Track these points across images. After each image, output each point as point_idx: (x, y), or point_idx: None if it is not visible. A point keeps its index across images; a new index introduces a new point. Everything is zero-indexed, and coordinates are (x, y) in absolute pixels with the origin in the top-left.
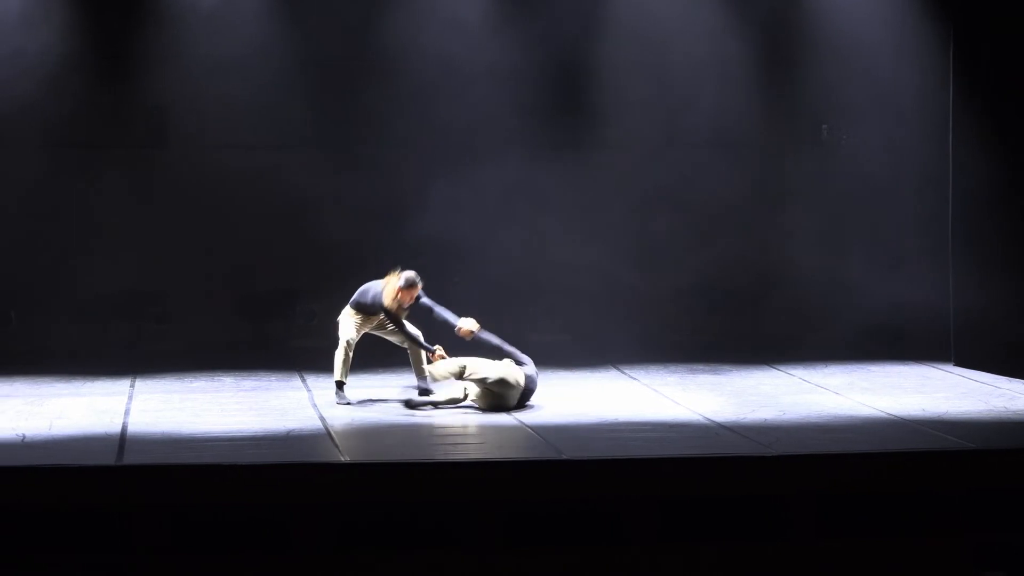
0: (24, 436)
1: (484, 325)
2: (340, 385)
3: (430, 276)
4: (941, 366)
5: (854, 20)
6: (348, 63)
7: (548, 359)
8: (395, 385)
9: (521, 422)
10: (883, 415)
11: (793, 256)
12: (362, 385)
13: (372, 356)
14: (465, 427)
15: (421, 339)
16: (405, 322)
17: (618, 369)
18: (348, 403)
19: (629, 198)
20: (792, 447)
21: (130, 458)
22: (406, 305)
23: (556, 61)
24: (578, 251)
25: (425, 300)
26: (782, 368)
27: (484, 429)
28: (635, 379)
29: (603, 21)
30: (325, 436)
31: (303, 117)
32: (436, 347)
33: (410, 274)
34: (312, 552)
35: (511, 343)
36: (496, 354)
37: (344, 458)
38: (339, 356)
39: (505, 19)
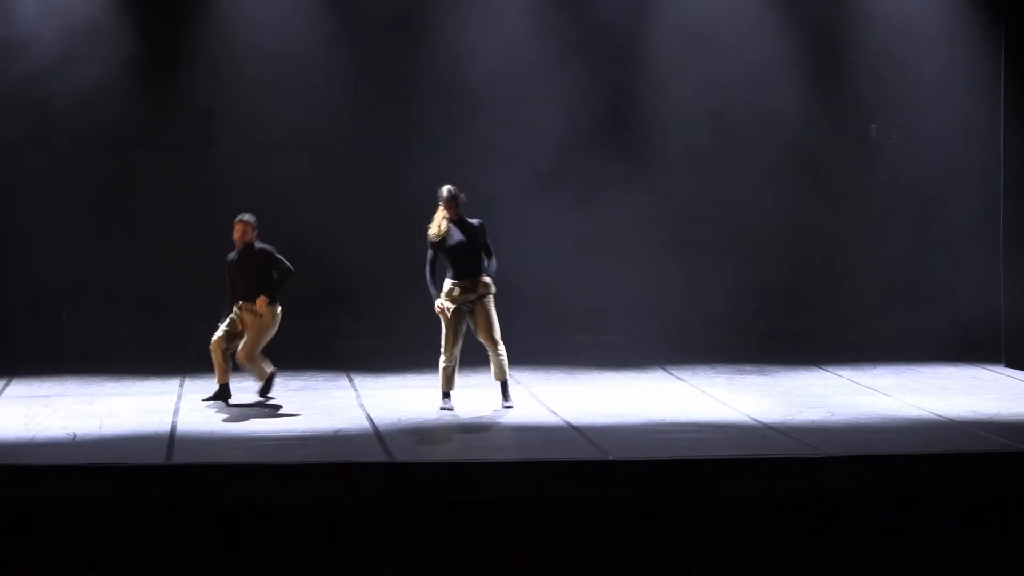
0: (75, 435)
1: (531, 327)
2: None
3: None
4: (991, 367)
5: (903, 17)
6: (396, 65)
7: (595, 360)
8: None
9: (567, 422)
10: (933, 416)
11: (841, 256)
12: (408, 385)
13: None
14: (511, 427)
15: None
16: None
17: (665, 370)
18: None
19: (677, 199)
20: (840, 448)
21: (179, 457)
22: (453, 218)
23: (603, 62)
24: (625, 252)
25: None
26: (830, 369)
27: (530, 429)
28: (682, 380)
29: (650, 22)
30: (372, 436)
31: (350, 118)
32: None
33: (443, 189)
34: (359, 551)
35: (559, 344)
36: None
37: (391, 458)
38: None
39: (551, 20)
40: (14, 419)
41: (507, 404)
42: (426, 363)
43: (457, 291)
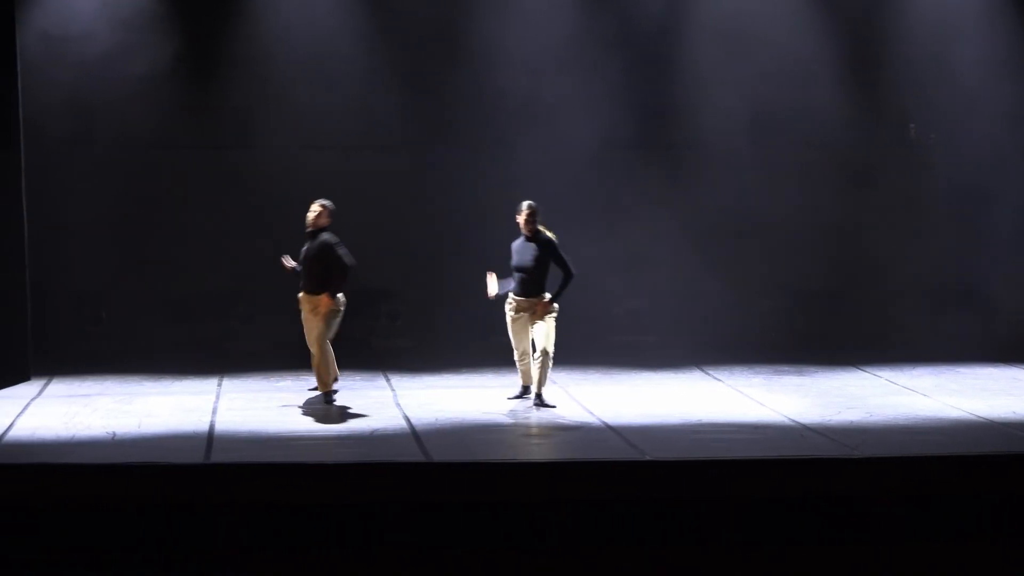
0: (114, 434)
1: (568, 327)
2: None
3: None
4: None
5: (941, 15)
6: (434, 65)
7: (632, 360)
8: (481, 385)
9: (604, 423)
10: (972, 417)
11: (880, 256)
12: (445, 385)
13: (444, 354)
14: (548, 427)
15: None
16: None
17: (702, 370)
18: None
19: (715, 199)
20: (878, 449)
21: (218, 456)
22: (527, 234)
23: (641, 62)
24: (662, 252)
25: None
26: (868, 369)
27: (567, 429)
28: (719, 380)
29: (688, 22)
30: (409, 435)
31: (388, 119)
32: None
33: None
34: (395, 550)
35: (596, 344)
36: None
37: (428, 457)
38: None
39: (589, 20)
40: (55, 418)
41: (540, 404)
42: (463, 363)
43: (514, 304)
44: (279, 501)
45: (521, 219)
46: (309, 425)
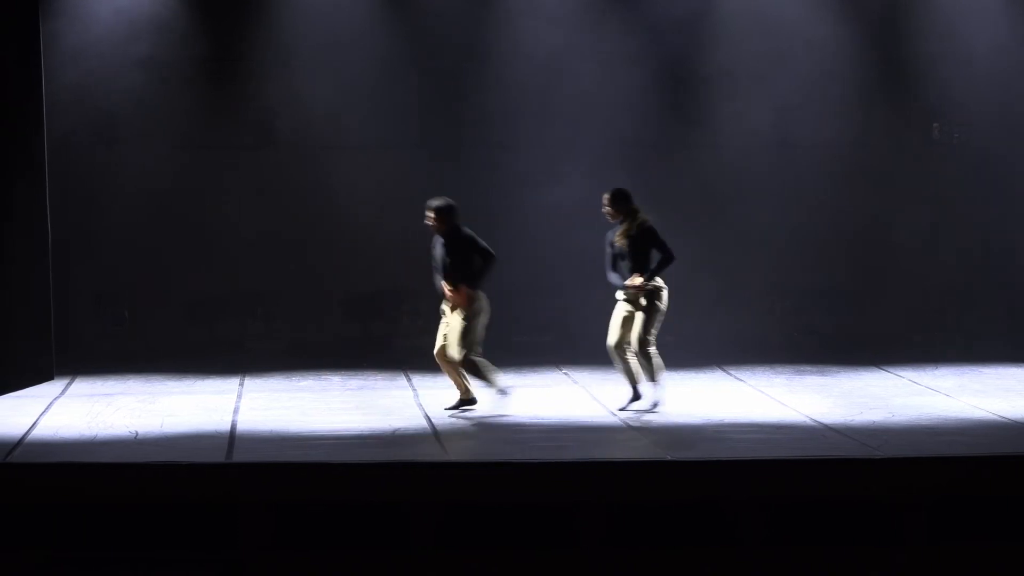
0: (137, 433)
1: (594, 325)
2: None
3: (534, 275)
4: None
5: (966, 17)
6: (453, 64)
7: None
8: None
9: (626, 423)
10: (995, 418)
11: (901, 255)
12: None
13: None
14: (570, 427)
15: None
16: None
17: (723, 370)
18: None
19: (737, 197)
20: (901, 450)
21: (239, 456)
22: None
23: (663, 61)
24: (681, 252)
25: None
26: (891, 369)
27: (588, 429)
28: (741, 380)
29: (710, 20)
30: (431, 435)
31: (410, 118)
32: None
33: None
34: (416, 550)
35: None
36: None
37: (449, 457)
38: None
39: (611, 17)
40: (77, 417)
41: (625, 407)
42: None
43: (622, 296)
44: (301, 500)
45: (608, 208)
46: (330, 425)
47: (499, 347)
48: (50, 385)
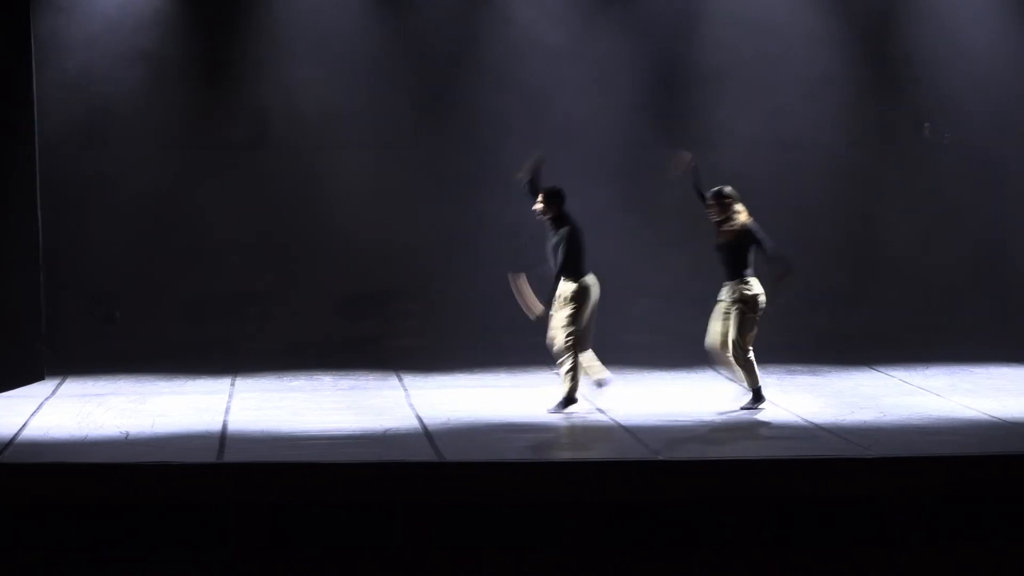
0: (128, 433)
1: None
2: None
3: (533, 280)
4: None
5: (953, 15)
6: (446, 65)
7: (645, 359)
8: (493, 385)
9: (617, 422)
10: (986, 417)
11: (894, 256)
12: (457, 385)
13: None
14: (560, 427)
15: None
16: None
17: (715, 370)
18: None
19: None
20: (892, 449)
21: (230, 456)
22: (717, 218)
23: (656, 63)
24: (673, 251)
25: None
26: (882, 369)
27: (579, 429)
28: (731, 380)
29: (701, 19)
30: (422, 435)
31: (402, 118)
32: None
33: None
34: (408, 550)
35: (610, 344)
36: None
37: (441, 457)
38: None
39: (603, 21)
40: (68, 417)
41: (746, 407)
42: (475, 363)
43: (722, 292)
44: (292, 501)
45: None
46: (322, 425)
47: (491, 347)
48: (41, 385)
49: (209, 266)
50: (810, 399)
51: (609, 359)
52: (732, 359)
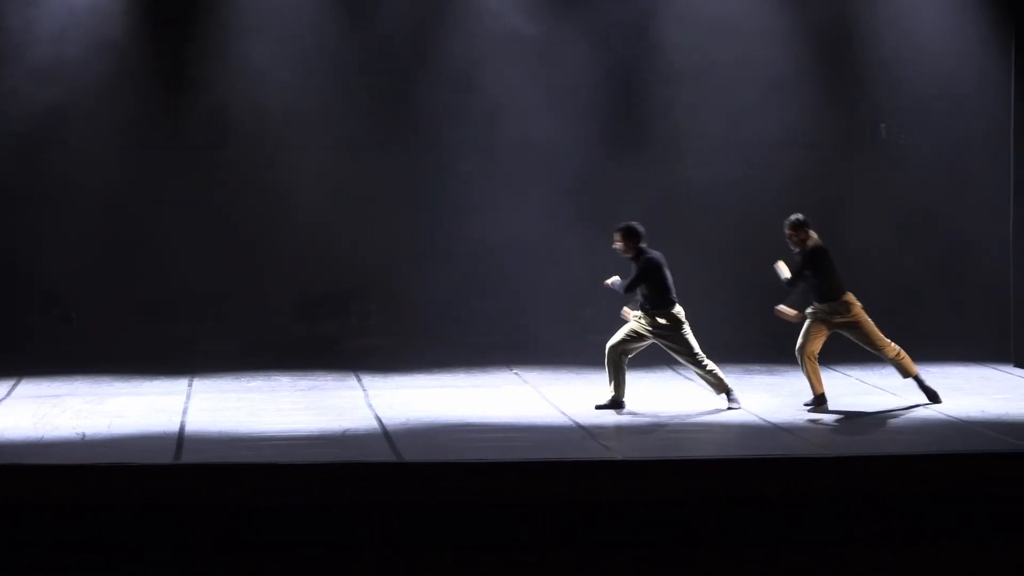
0: (84, 434)
1: (540, 327)
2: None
3: (485, 275)
4: (1001, 367)
5: (913, 18)
6: (405, 64)
7: (604, 359)
8: (452, 385)
9: (576, 422)
10: (942, 416)
11: (850, 255)
12: (416, 385)
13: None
14: (520, 427)
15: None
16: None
17: (673, 370)
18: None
19: (687, 198)
20: (848, 448)
21: (188, 457)
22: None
23: (615, 63)
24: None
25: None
26: (839, 369)
27: (539, 429)
28: (690, 380)
29: (660, 22)
30: (381, 436)
31: (362, 120)
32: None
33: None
34: (367, 551)
35: (569, 344)
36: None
37: (399, 458)
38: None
39: (563, 24)
40: (24, 418)
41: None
42: (434, 363)
43: (810, 309)
44: (250, 502)
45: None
46: (280, 426)
47: (450, 347)
48: None
49: (167, 266)
50: (768, 398)
51: (567, 359)
52: (812, 362)
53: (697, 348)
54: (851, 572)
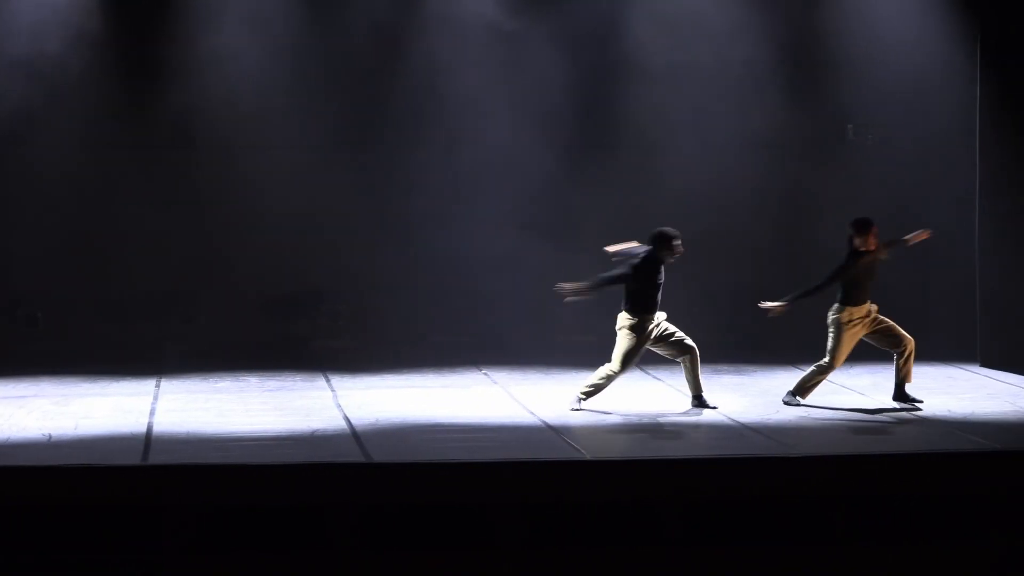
0: (50, 436)
1: (508, 327)
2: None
3: (452, 275)
4: (967, 367)
5: (880, 18)
6: (373, 67)
7: (573, 360)
8: (421, 385)
9: (545, 422)
10: (910, 416)
11: (818, 255)
12: (385, 385)
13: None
14: (488, 427)
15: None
16: None
17: (642, 370)
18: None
19: (655, 199)
20: (816, 448)
21: (156, 458)
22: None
23: (584, 65)
24: (602, 252)
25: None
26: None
27: (508, 429)
28: (659, 379)
29: (629, 23)
30: (350, 436)
31: (327, 119)
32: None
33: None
34: (336, 551)
35: (539, 345)
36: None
37: (368, 458)
38: None
39: (528, 24)
40: None
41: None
42: (403, 363)
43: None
44: (218, 503)
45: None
46: (248, 426)
47: (419, 348)
48: None
49: (133, 266)
50: (736, 398)
51: (536, 360)
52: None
53: (621, 357)
54: (818, 571)
